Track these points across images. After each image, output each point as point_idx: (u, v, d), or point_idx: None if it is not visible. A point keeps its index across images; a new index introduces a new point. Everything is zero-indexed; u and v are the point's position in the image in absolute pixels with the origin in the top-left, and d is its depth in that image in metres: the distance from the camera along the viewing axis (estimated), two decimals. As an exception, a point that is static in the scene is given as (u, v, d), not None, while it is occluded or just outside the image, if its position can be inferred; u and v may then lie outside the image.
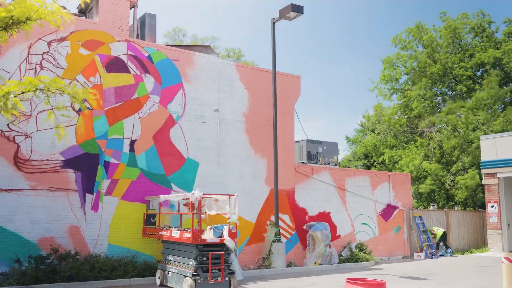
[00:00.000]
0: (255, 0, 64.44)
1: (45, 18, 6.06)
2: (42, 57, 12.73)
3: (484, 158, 22.77)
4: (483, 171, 22.80)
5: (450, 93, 32.64)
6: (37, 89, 6.31)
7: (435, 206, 27.37)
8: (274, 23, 16.59)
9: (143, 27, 15.82)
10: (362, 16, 66.97)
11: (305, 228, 17.20)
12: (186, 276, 10.59)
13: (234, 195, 11.27)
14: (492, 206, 22.26)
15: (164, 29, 45.97)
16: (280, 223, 16.37)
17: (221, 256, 10.68)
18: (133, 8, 15.60)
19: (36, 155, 12.33)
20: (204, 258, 10.52)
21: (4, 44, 7.08)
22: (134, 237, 13.50)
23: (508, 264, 9.87)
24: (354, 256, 17.65)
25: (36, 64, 12.65)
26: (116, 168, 13.50)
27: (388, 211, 20.56)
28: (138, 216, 13.61)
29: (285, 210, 17.00)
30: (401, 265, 17.56)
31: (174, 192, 14.44)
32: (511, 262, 9.87)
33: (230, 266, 11.09)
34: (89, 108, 13.10)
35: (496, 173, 22.11)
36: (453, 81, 31.52)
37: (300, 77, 18.25)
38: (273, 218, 16.02)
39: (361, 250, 18.14)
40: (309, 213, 17.82)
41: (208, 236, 10.72)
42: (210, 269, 10.51)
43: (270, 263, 15.08)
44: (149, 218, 13.26)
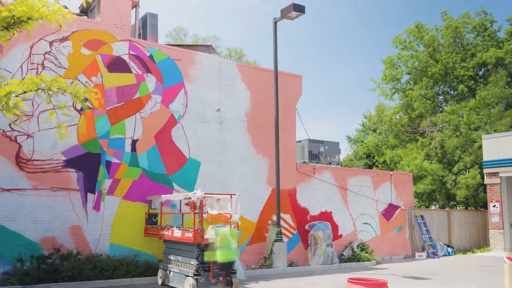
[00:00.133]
0: (257, 0, 64.47)
1: (47, 18, 6.07)
2: (44, 57, 12.74)
3: (486, 158, 22.74)
4: (485, 171, 22.76)
5: (452, 93, 32.58)
6: (39, 89, 6.31)
7: (437, 206, 27.34)
8: (276, 23, 16.59)
9: (145, 27, 15.84)
10: (363, 16, 66.95)
11: (307, 228, 17.19)
12: (188, 276, 10.62)
13: (236, 195, 11.30)
14: (494, 206, 22.22)
15: (166, 29, 46.10)
16: (282, 223, 16.37)
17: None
18: (135, 8, 15.61)
19: (38, 155, 12.34)
20: (206, 258, 10.52)
21: (6, 44, 7.08)
22: (136, 237, 13.51)
23: (510, 264, 9.84)
24: (356, 256, 17.64)
25: (38, 64, 12.66)
26: (118, 168, 13.51)
27: (390, 211, 20.53)
28: (140, 216, 13.61)
29: (287, 210, 17.00)
30: (403, 265, 17.54)
31: (176, 192, 14.46)
32: (513, 262, 9.86)
33: (232, 266, 11.11)
34: (91, 108, 13.10)
35: (498, 173, 22.09)
36: (455, 81, 31.46)
37: (302, 77, 18.24)
38: (275, 218, 16.01)
39: (363, 250, 18.13)
40: (311, 213, 17.81)
41: (210, 236, 10.74)
42: (212, 269, 10.51)
43: (272, 263, 15.08)
44: (151, 218, 13.26)
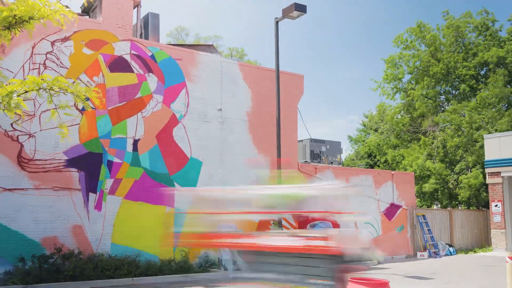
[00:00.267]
0: None
1: (48, 17, 6.06)
2: (46, 57, 12.75)
3: (488, 157, 22.69)
4: (487, 170, 22.72)
5: (454, 92, 32.52)
6: (40, 88, 6.32)
7: (439, 206, 27.29)
8: (277, 22, 16.55)
9: (147, 27, 15.84)
10: (364, 16, 66.90)
11: (308, 228, 17.16)
12: None
13: None
14: (496, 205, 22.18)
15: (167, 29, 46.11)
16: (283, 223, 16.35)
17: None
18: (137, 8, 15.61)
19: (40, 155, 12.35)
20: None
21: (8, 44, 7.09)
22: (137, 237, 13.51)
23: (513, 264, 9.81)
24: (358, 256, 17.59)
25: (40, 64, 12.67)
26: (120, 168, 13.51)
27: (392, 210, 20.51)
28: (141, 215, 13.62)
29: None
30: (405, 265, 17.51)
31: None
32: (516, 262, 9.82)
33: None
34: (93, 108, 13.11)
35: (500, 172, 22.04)
36: (457, 80, 31.41)
37: (303, 76, 18.23)
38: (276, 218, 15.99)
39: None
40: (312, 213, 17.78)
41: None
42: None
43: (273, 263, 15.04)
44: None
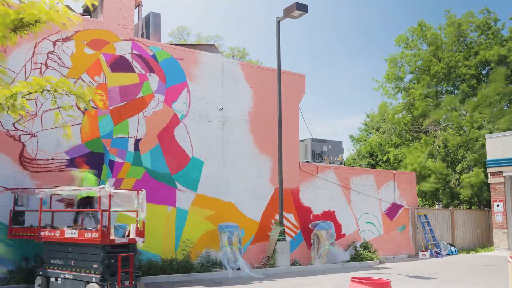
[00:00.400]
0: (259, -1, 64.42)
1: (54, 21, 6.07)
2: (47, 57, 12.75)
3: (490, 157, 22.68)
4: (489, 170, 22.71)
5: (455, 92, 32.49)
6: (44, 90, 6.32)
7: (440, 205, 27.28)
8: (279, 22, 16.57)
9: (148, 26, 15.85)
10: (366, 15, 66.84)
11: (310, 227, 17.18)
12: (90, 282, 9.52)
13: (143, 191, 10.36)
14: (498, 205, 22.18)
15: (169, 28, 46.13)
16: (285, 222, 16.36)
17: (130, 258, 9.82)
18: (138, 7, 15.61)
19: (42, 154, 12.36)
20: (113, 261, 9.53)
21: (13, 45, 7.09)
22: (139, 236, 13.51)
23: (515, 264, 9.81)
24: (359, 255, 17.63)
25: (42, 64, 12.67)
26: (121, 167, 13.52)
27: (393, 210, 20.51)
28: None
29: (290, 209, 16.99)
30: (406, 264, 17.53)
31: (179, 191, 14.47)
32: (518, 262, 9.82)
33: (138, 269, 10.16)
34: (94, 108, 13.11)
35: (502, 172, 22.04)
36: (458, 80, 31.38)
37: (305, 76, 18.23)
38: (278, 217, 16.00)
39: (366, 249, 18.12)
40: (314, 212, 17.81)
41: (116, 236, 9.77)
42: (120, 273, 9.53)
43: (275, 262, 15.08)
44: (17, 217, 11.46)
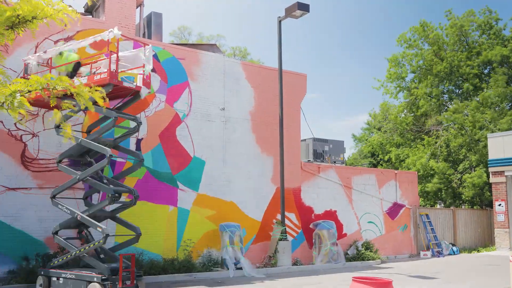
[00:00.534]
0: (261, -1, 64.42)
1: (51, 17, 6.07)
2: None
3: (492, 157, 22.64)
4: (491, 170, 22.68)
5: (457, 91, 32.45)
6: (44, 88, 6.33)
7: (442, 205, 27.24)
8: (280, 21, 16.56)
9: (149, 26, 15.86)
10: (367, 15, 66.78)
11: (311, 227, 17.17)
12: (92, 282, 9.53)
13: (149, 45, 10.87)
14: (500, 205, 22.13)
15: (170, 28, 46.18)
16: (286, 222, 16.35)
17: (132, 258, 9.96)
18: (139, 7, 15.63)
19: (43, 154, 12.38)
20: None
21: (11, 43, 7.10)
22: (141, 236, 13.48)
23: (516, 263, 9.79)
24: (361, 255, 17.61)
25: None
26: (123, 167, 13.52)
27: (395, 210, 20.48)
28: (143, 214, 13.63)
29: (291, 209, 16.98)
30: (408, 264, 17.50)
31: (181, 191, 14.46)
32: (519, 261, 9.80)
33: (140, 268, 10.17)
34: (97, 106, 13.08)
35: (504, 172, 21.99)
36: (460, 79, 31.33)
37: (306, 76, 18.22)
38: (279, 217, 16.00)
39: (368, 249, 18.10)
40: (315, 212, 17.80)
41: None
42: (121, 272, 9.55)
43: (276, 262, 15.07)
44: None
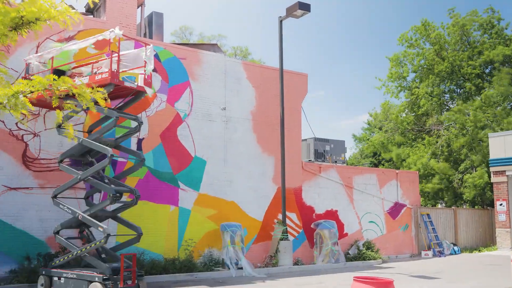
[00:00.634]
0: (262, -2, 64.38)
1: (55, 19, 6.08)
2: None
3: (493, 156, 22.63)
4: (492, 169, 22.66)
5: (458, 91, 32.42)
6: (46, 89, 6.34)
7: (443, 204, 27.24)
8: (281, 21, 16.56)
9: (151, 26, 15.86)
10: (369, 14, 66.72)
11: (313, 227, 17.18)
12: (93, 281, 9.47)
13: (150, 45, 10.70)
14: (501, 204, 22.12)
15: (171, 28, 46.18)
16: (288, 221, 16.36)
17: (133, 257, 9.95)
18: (141, 7, 15.64)
19: (44, 154, 12.39)
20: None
21: (14, 44, 7.11)
22: (142, 235, 13.50)
23: (518, 263, 9.80)
24: (362, 255, 17.61)
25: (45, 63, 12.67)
26: (124, 167, 13.52)
27: (396, 209, 20.48)
28: (144, 214, 13.65)
29: (293, 209, 16.99)
30: (409, 264, 17.50)
31: (182, 191, 14.47)
32: (521, 261, 9.81)
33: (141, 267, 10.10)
34: (99, 106, 13.08)
35: (505, 171, 21.98)
36: (461, 79, 31.30)
37: (307, 75, 18.21)
38: (281, 216, 16.01)
39: (369, 249, 18.10)
40: (317, 211, 17.80)
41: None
42: (122, 272, 9.51)
43: (277, 261, 15.08)
44: None
